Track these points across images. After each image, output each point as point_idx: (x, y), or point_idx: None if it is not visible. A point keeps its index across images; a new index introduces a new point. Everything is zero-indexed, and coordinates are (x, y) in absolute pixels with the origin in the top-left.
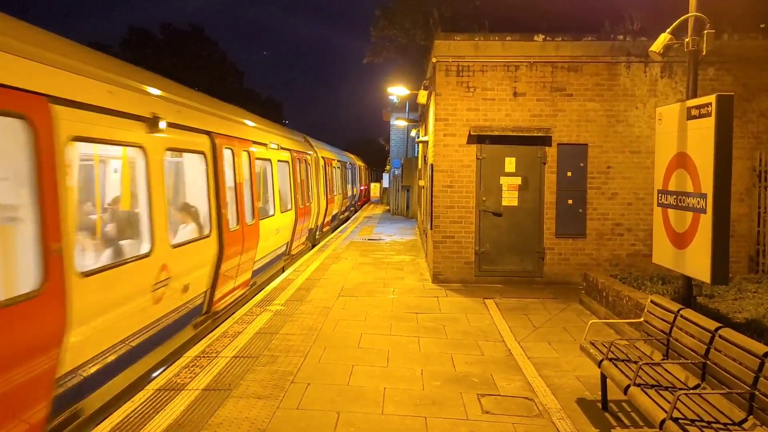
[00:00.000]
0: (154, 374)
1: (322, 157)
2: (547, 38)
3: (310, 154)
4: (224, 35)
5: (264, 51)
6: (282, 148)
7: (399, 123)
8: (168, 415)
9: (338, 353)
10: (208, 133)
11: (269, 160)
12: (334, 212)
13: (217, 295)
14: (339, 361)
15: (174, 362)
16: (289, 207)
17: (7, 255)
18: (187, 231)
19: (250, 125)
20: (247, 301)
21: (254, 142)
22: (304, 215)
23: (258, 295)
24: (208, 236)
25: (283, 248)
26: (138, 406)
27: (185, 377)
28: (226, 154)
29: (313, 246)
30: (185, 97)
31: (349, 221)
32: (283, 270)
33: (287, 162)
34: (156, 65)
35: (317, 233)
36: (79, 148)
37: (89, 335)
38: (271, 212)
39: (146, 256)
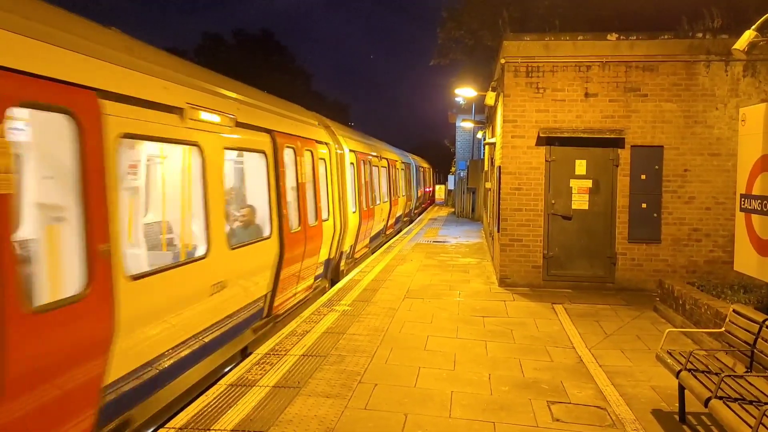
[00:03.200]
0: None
1: (386, 159)
2: (621, 37)
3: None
4: (294, 39)
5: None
6: (382, 157)
7: (465, 125)
8: (240, 411)
9: (405, 355)
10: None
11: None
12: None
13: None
14: (405, 363)
15: (245, 359)
16: (386, 200)
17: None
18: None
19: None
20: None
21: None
22: (395, 205)
23: (324, 295)
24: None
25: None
26: (211, 401)
27: (256, 374)
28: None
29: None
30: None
31: (413, 223)
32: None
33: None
34: (228, 69)
35: (388, 230)
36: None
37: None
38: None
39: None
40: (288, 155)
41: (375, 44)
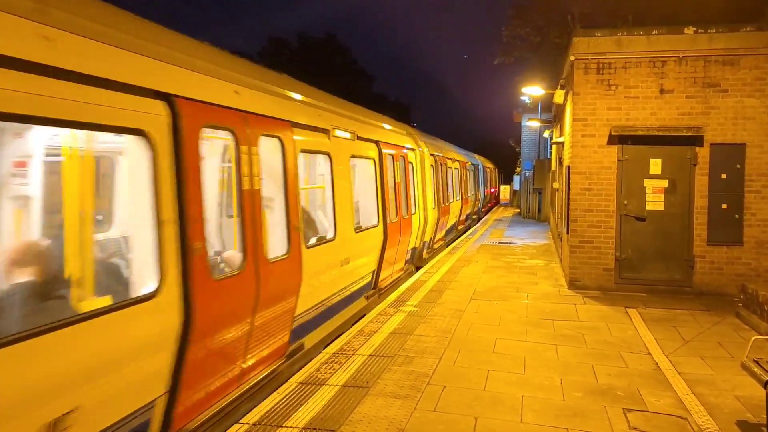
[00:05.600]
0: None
1: (457, 160)
2: (699, 30)
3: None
4: (356, 41)
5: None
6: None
7: (531, 124)
8: (311, 409)
9: (473, 357)
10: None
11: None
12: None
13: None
14: (474, 365)
15: (314, 357)
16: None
17: None
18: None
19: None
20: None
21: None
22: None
23: (390, 295)
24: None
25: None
26: (283, 398)
27: (325, 373)
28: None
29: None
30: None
31: (479, 223)
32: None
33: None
34: (292, 72)
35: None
36: None
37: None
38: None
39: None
40: (388, 161)
41: (438, 44)
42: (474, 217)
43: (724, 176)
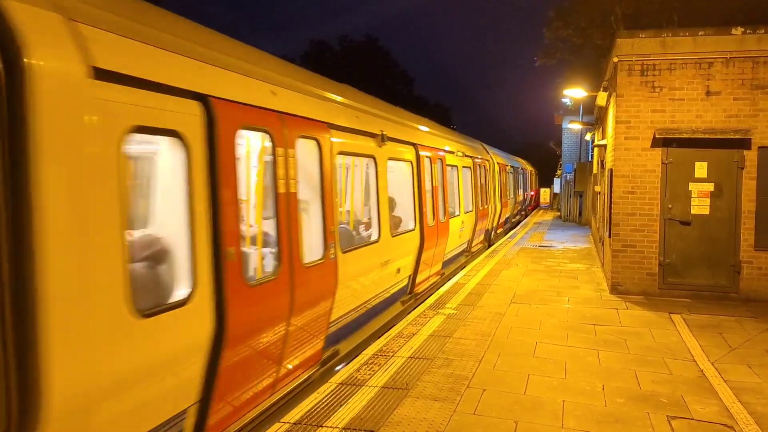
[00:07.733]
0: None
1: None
2: (747, 31)
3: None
4: (396, 44)
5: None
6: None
7: (572, 126)
8: (350, 409)
9: (513, 361)
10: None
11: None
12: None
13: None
14: (514, 369)
15: (353, 359)
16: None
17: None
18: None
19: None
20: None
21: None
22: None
23: (429, 298)
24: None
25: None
26: (323, 398)
27: (365, 374)
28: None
29: (490, 245)
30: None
31: (518, 227)
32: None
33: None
34: (333, 75)
35: (492, 234)
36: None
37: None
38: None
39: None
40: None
41: (478, 47)
42: (513, 220)
43: None
